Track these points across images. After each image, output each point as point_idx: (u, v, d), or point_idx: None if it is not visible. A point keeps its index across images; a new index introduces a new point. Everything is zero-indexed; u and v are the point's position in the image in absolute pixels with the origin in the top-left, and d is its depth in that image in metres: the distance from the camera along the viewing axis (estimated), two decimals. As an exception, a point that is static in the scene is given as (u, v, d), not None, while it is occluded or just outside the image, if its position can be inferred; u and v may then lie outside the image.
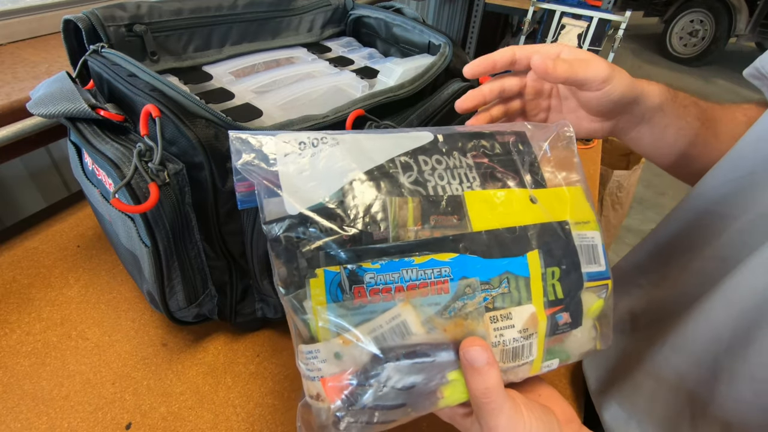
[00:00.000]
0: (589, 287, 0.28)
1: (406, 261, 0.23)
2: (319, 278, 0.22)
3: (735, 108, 0.41)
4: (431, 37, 0.53)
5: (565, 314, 0.27)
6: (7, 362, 0.42)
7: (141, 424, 0.39)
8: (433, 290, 0.23)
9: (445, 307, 0.23)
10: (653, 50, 4.35)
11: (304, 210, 0.22)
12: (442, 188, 0.25)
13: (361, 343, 0.22)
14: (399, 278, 0.23)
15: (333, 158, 0.24)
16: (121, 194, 0.31)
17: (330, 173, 0.24)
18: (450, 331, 0.23)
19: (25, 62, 0.61)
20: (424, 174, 0.25)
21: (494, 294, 0.24)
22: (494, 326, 0.24)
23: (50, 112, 0.34)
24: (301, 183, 0.23)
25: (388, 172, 0.24)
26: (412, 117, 0.44)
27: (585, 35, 2.02)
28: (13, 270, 0.51)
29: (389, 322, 0.22)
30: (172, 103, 0.33)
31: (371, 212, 0.23)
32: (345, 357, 0.22)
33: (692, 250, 0.39)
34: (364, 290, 0.22)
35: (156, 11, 0.44)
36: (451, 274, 0.24)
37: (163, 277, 0.36)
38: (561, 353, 0.27)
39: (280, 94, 0.44)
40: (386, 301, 0.22)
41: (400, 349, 0.22)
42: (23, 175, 0.68)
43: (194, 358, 0.44)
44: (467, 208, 0.25)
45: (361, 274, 0.22)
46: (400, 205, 0.24)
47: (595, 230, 0.29)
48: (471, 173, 0.27)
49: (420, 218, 0.24)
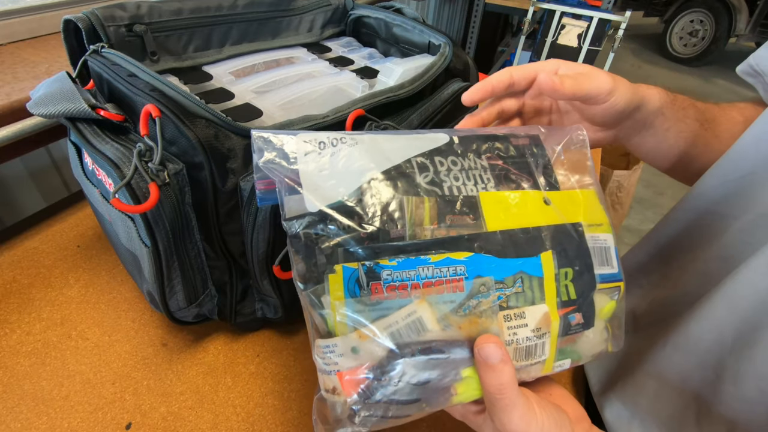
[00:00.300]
0: (602, 289, 0.28)
1: (422, 259, 0.23)
2: (337, 274, 0.22)
3: (731, 107, 0.41)
4: (431, 37, 0.53)
5: (578, 315, 0.27)
6: (7, 362, 0.42)
7: (141, 424, 0.39)
8: (449, 288, 0.24)
9: (460, 304, 0.24)
10: (653, 50, 4.34)
11: (323, 207, 0.23)
12: (457, 188, 0.26)
13: (378, 339, 0.22)
14: (415, 276, 0.23)
15: (352, 158, 0.25)
16: (121, 194, 0.31)
17: (349, 172, 0.24)
18: (465, 328, 0.24)
19: (25, 62, 0.61)
20: (440, 174, 0.26)
21: (508, 293, 0.25)
22: (508, 325, 0.25)
23: (50, 112, 0.34)
24: (321, 181, 0.24)
25: (405, 172, 0.25)
26: (412, 117, 0.44)
27: (585, 35, 2.02)
28: (13, 270, 0.51)
29: (405, 318, 0.23)
30: (172, 103, 0.33)
31: (389, 210, 0.24)
32: (362, 351, 0.22)
33: (693, 251, 0.39)
34: (381, 287, 0.23)
35: (156, 11, 0.44)
36: (466, 273, 0.24)
37: (163, 277, 0.36)
38: (573, 354, 0.28)
39: (280, 94, 0.44)
40: (402, 297, 0.23)
41: (415, 345, 0.23)
42: (23, 175, 0.68)
43: (194, 358, 0.44)
44: (482, 209, 0.26)
45: (379, 271, 0.23)
46: (417, 204, 0.24)
47: (608, 233, 0.30)
48: (486, 174, 0.27)
49: (436, 217, 0.24)
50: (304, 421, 0.41)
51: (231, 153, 0.34)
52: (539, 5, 2.03)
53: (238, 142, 0.34)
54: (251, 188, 0.34)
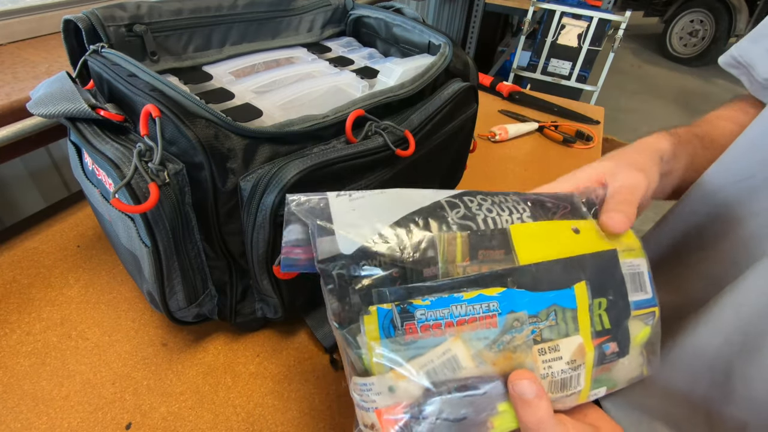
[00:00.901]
0: (636, 315, 0.28)
1: (455, 297, 0.23)
2: (372, 315, 0.23)
3: (717, 118, 0.42)
4: (431, 37, 0.53)
5: (613, 344, 0.27)
6: (7, 362, 0.42)
7: (141, 424, 0.39)
8: (482, 325, 0.24)
9: (494, 341, 0.24)
10: (653, 50, 4.34)
11: (355, 249, 0.23)
12: (492, 220, 0.26)
13: (414, 377, 0.22)
14: (449, 314, 0.23)
15: (381, 202, 0.25)
16: (121, 194, 0.31)
17: (380, 213, 0.24)
18: (499, 364, 0.24)
19: (25, 62, 0.61)
20: (472, 209, 0.26)
21: (542, 327, 0.25)
22: (542, 358, 0.25)
23: (50, 112, 0.34)
24: (353, 221, 0.24)
25: (435, 210, 0.25)
26: (412, 117, 0.44)
27: (585, 35, 2.02)
28: (13, 270, 0.51)
29: (440, 356, 0.23)
30: (172, 103, 0.33)
31: (421, 249, 0.24)
32: (398, 390, 0.22)
33: (698, 254, 0.39)
34: (416, 326, 0.23)
35: (156, 11, 0.44)
36: (500, 309, 0.24)
37: (163, 277, 0.36)
38: (608, 381, 0.28)
39: (280, 94, 0.44)
40: (437, 336, 0.23)
41: (451, 382, 0.23)
42: (23, 175, 0.68)
43: (194, 358, 0.44)
44: (513, 242, 0.26)
45: (413, 311, 0.23)
46: (449, 241, 0.24)
47: (641, 257, 0.30)
48: (519, 205, 0.28)
49: (468, 253, 0.25)
50: (304, 421, 0.41)
51: (231, 153, 0.34)
52: (539, 5, 2.03)
53: (238, 142, 0.34)
54: (251, 188, 0.34)
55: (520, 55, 2.19)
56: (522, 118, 0.93)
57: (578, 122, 0.93)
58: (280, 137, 0.36)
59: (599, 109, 1.00)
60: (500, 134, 0.85)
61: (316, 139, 0.38)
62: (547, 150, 0.86)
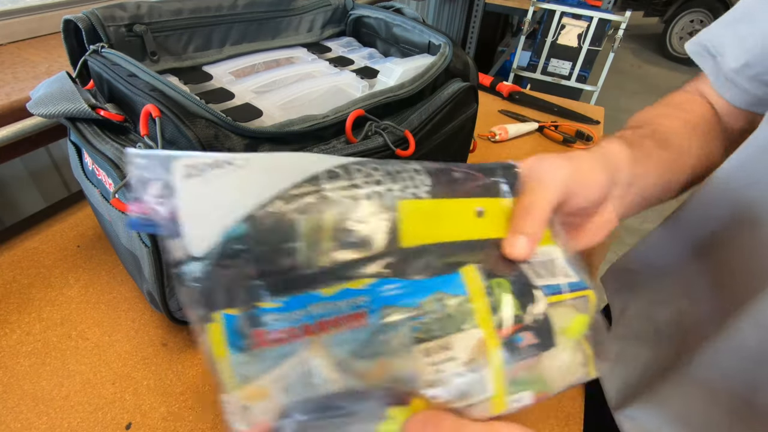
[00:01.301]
0: (560, 300, 0.24)
1: (312, 294, 0.19)
2: (217, 323, 0.18)
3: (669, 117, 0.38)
4: (431, 37, 0.53)
5: (527, 334, 0.22)
6: (7, 362, 0.42)
7: (141, 424, 0.39)
8: (348, 326, 0.19)
9: (364, 344, 0.19)
10: (653, 50, 4.35)
11: (204, 249, 0.19)
12: (378, 195, 0.21)
13: (268, 395, 0.19)
14: (305, 316, 0.19)
15: (243, 178, 0.20)
16: (121, 194, 0.31)
17: (241, 195, 0.20)
18: (372, 374, 0.19)
19: (25, 62, 0.61)
20: (355, 180, 0.21)
21: (426, 321, 0.20)
22: (428, 361, 0.20)
23: (50, 112, 0.34)
24: (202, 215, 0.19)
25: (308, 188, 0.20)
26: (412, 117, 0.44)
27: (585, 35, 2.02)
28: (13, 270, 0.51)
29: (295, 368, 0.19)
30: (172, 103, 0.33)
31: (279, 239, 0.19)
32: (255, 410, 0.19)
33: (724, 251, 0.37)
34: (266, 334, 0.18)
35: (156, 11, 0.44)
36: (371, 304, 0.20)
37: (163, 277, 0.36)
38: (533, 383, 0.23)
39: (280, 94, 0.44)
40: (292, 343, 0.19)
41: (309, 402, 0.19)
42: (23, 175, 0.68)
43: (194, 358, 0.44)
44: (398, 221, 0.21)
45: (260, 315, 0.19)
46: (315, 224, 0.20)
47: (549, 244, 0.26)
48: (419, 177, 0.23)
49: (338, 237, 0.20)
50: (304, 421, 0.41)
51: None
52: (539, 5, 2.03)
53: (238, 142, 0.34)
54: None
55: (520, 55, 2.19)
56: (522, 118, 0.93)
57: (578, 122, 0.93)
58: (280, 137, 0.36)
59: (599, 109, 1.00)
60: (500, 134, 0.86)
61: (316, 139, 0.38)
62: (547, 150, 0.86)
